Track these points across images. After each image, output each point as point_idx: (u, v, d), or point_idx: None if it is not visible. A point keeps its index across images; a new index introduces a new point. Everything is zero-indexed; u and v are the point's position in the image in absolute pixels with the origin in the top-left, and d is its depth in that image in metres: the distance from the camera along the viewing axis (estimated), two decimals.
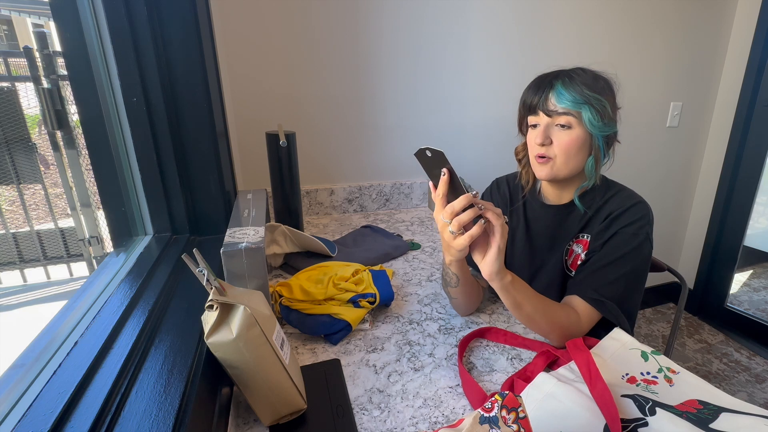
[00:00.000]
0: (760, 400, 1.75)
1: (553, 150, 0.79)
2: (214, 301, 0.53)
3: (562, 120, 0.77)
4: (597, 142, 0.78)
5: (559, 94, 0.76)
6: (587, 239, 0.83)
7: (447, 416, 0.63)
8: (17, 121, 1.17)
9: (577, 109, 0.76)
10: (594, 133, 0.77)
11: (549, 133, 0.78)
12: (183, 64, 0.84)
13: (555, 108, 0.77)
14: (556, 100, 0.77)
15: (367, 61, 1.44)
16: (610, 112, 0.77)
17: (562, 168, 0.80)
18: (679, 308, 1.10)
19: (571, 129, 0.77)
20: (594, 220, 0.84)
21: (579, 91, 0.75)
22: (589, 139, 0.78)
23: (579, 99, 0.75)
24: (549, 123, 0.78)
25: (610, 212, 0.81)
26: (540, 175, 0.82)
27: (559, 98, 0.76)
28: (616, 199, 0.83)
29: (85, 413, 0.43)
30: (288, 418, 0.60)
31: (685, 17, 1.81)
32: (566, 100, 0.76)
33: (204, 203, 0.94)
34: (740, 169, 2.01)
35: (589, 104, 0.75)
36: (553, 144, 0.79)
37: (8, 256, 1.43)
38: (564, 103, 0.76)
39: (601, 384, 0.57)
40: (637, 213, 0.80)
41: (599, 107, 0.76)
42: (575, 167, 0.80)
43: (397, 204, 1.62)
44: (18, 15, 1.47)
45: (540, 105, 0.78)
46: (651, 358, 0.70)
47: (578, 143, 0.77)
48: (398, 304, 0.94)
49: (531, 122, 0.82)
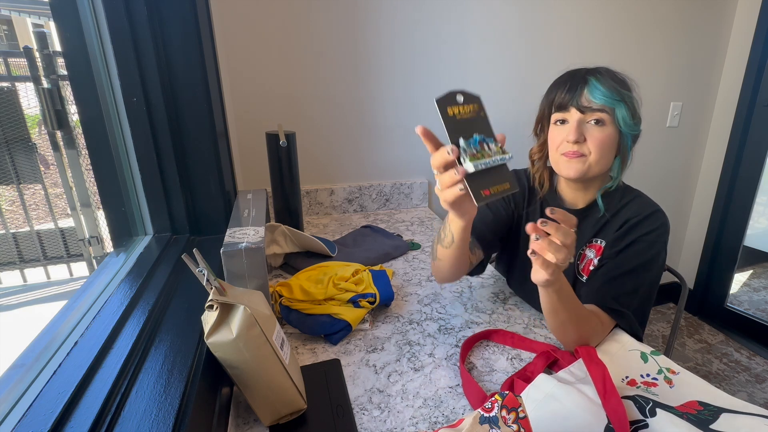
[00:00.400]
0: (760, 400, 1.75)
1: (587, 147, 0.76)
2: (214, 301, 0.53)
3: (596, 116, 0.75)
4: (626, 141, 0.77)
5: (595, 89, 0.74)
6: (601, 245, 0.81)
7: (447, 416, 0.63)
8: (17, 121, 1.17)
9: (612, 106, 0.74)
10: (625, 131, 0.76)
11: (582, 130, 0.76)
12: (183, 64, 0.84)
13: (589, 104, 0.74)
14: (591, 96, 0.74)
15: (367, 61, 1.44)
16: (639, 112, 0.77)
17: (594, 166, 0.76)
18: (679, 308, 1.10)
19: (604, 126, 0.75)
20: (610, 224, 0.82)
21: (614, 87, 0.74)
22: (618, 138, 0.77)
23: (615, 95, 0.74)
24: (581, 119, 0.75)
25: (628, 219, 0.79)
26: (569, 173, 0.77)
27: (594, 93, 0.74)
28: (633, 206, 0.81)
29: (85, 413, 0.43)
30: (288, 418, 0.60)
31: (685, 17, 1.81)
32: (602, 95, 0.74)
33: (204, 203, 0.94)
34: (740, 169, 2.01)
35: (623, 101, 0.74)
36: (586, 141, 0.76)
37: (8, 256, 1.43)
38: (600, 99, 0.74)
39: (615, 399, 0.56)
40: (656, 222, 0.78)
41: (631, 105, 0.75)
42: (605, 166, 0.78)
43: (397, 204, 1.62)
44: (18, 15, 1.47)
45: (573, 101, 0.76)
46: (650, 359, 0.70)
47: (611, 141, 0.76)
48: (398, 304, 0.94)
49: (557, 118, 0.79)
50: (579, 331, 0.71)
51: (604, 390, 0.58)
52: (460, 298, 0.96)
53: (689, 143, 2.09)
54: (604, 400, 0.57)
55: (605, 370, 0.61)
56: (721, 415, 0.55)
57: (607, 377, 0.60)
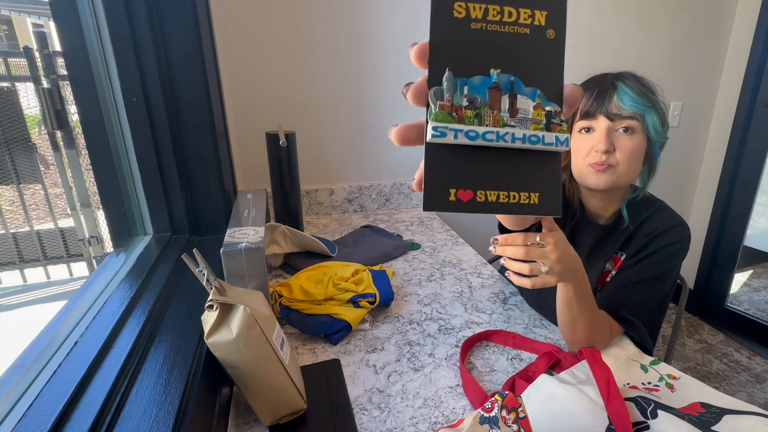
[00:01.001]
0: (761, 400, 1.75)
1: (615, 157, 0.72)
2: (214, 301, 0.53)
3: (626, 123, 0.71)
4: (654, 149, 0.75)
5: (625, 95, 0.70)
6: (622, 257, 0.80)
7: (447, 416, 0.63)
8: (17, 121, 1.17)
9: (643, 113, 0.70)
10: (654, 139, 0.73)
11: (611, 139, 0.72)
12: (183, 64, 0.84)
13: (619, 111, 0.71)
14: (621, 102, 0.71)
15: (367, 61, 1.44)
16: (667, 119, 0.74)
17: (624, 176, 0.73)
18: (680, 308, 1.10)
19: (634, 134, 0.71)
20: (634, 238, 0.79)
21: (644, 93, 0.71)
22: (646, 146, 0.74)
23: (646, 102, 0.70)
24: (610, 127, 0.72)
25: (653, 230, 0.77)
26: (597, 184, 0.74)
27: (624, 100, 0.70)
28: (658, 218, 0.79)
29: (85, 413, 0.43)
30: (288, 418, 0.60)
31: (686, 17, 1.81)
32: (633, 102, 0.70)
33: (204, 203, 0.94)
34: (740, 169, 2.01)
35: (654, 108, 0.71)
36: (615, 150, 0.72)
37: (8, 256, 1.43)
38: (630, 106, 0.70)
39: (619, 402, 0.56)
40: (679, 235, 0.76)
41: (661, 112, 0.72)
42: (634, 175, 0.75)
43: (397, 204, 1.62)
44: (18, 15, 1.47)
45: (602, 108, 0.72)
46: (650, 369, 0.70)
47: (641, 149, 0.72)
48: (398, 304, 0.94)
49: (583, 126, 0.74)
50: (588, 331, 0.69)
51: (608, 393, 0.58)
52: (460, 298, 0.96)
53: (689, 143, 2.09)
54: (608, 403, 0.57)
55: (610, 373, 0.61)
56: (723, 416, 0.54)
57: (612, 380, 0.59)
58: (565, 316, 0.69)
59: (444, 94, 0.25)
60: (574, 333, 0.70)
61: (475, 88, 0.25)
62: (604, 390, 0.58)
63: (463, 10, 0.25)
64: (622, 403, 0.56)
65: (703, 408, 0.58)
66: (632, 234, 0.80)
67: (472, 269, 1.11)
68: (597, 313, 0.70)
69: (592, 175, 0.74)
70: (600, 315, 0.71)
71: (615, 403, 0.56)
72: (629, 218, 0.79)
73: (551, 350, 0.73)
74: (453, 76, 0.25)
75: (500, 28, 0.25)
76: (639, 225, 0.79)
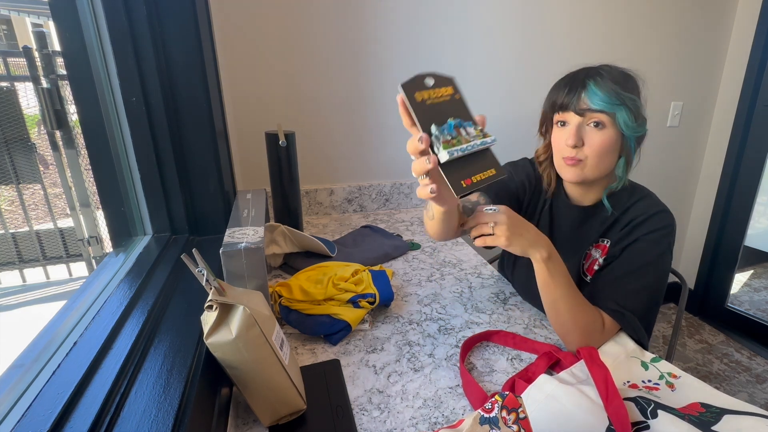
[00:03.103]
0: (761, 401, 1.75)
1: (584, 152, 0.75)
2: (214, 302, 0.53)
3: (595, 118, 0.73)
4: (629, 143, 0.76)
5: (593, 94, 0.72)
6: (607, 244, 0.81)
7: (447, 417, 0.63)
8: (17, 121, 1.17)
9: (612, 111, 0.72)
10: (627, 134, 0.74)
11: (581, 134, 0.75)
12: (183, 64, 0.84)
13: (588, 106, 0.73)
14: (589, 101, 0.73)
15: (367, 61, 1.44)
16: (642, 113, 0.75)
17: (592, 170, 0.76)
18: (680, 308, 1.10)
19: (604, 128, 0.73)
20: (616, 224, 0.81)
21: (614, 90, 0.72)
22: (620, 139, 0.75)
23: (614, 100, 0.71)
24: (580, 122, 0.74)
25: (633, 218, 0.79)
26: (567, 178, 0.79)
27: (592, 98, 0.72)
28: (640, 205, 0.80)
29: (85, 413, 0.43)
30: (288, 418, 0.60)
31: (686, 17, 1.81)
32: (600, 100, 0.72)
33: (203, 203, 0.94)
34: (741, 169, 2.01)
35: (624, 105, 0.72)
36: (584, 145, 0.75)
37: (8, 256, 1.43)
38: (598, 104, 0.72)
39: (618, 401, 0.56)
40: (661, 222, 0.77)
41: (633, 108, 0.73)
42: (606, 169, 0.77)
43: (396, 204, 1.62)
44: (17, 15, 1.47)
45: (572, 104, 0.74)
46: (651, 366, 0.70)
47: (610, 144, 0.74)
48: (398, 304, 0.94)
49: (558, 119, 0.78)
50: (572, 315, 0.71)
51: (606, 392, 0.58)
52: (460, 299, 0.96)
53: (689, 143, 2.09)
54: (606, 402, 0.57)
55: (607, 372, 0.61)
56: (723, 416, 0.54)
57: (609, 379, 0.59)
58: (546, 300, 0.73)
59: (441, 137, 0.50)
60: (557, 317, 0.73)
61: (448, 129, 0.51)
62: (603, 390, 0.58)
63: (420, 96, 0.51)
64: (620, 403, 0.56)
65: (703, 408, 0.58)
66: (616, 220, 0.82)
67: (472, 269, 1.11)
68: (579, 297, 0.73)
69: (564, 169, 0.79)
70: (583, 300, 0.73)
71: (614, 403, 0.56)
72: (613, 206, 0.81)
73: (551, 350, 0.73)
74: (437, 126, 0.51)
75: (437, 100, 0.52)
76: (623, 212, 0.81)
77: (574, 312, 0.71)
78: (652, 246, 0.76)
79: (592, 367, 0.63)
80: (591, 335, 0.73)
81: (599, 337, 0.74)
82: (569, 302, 0.71)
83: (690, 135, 2.07)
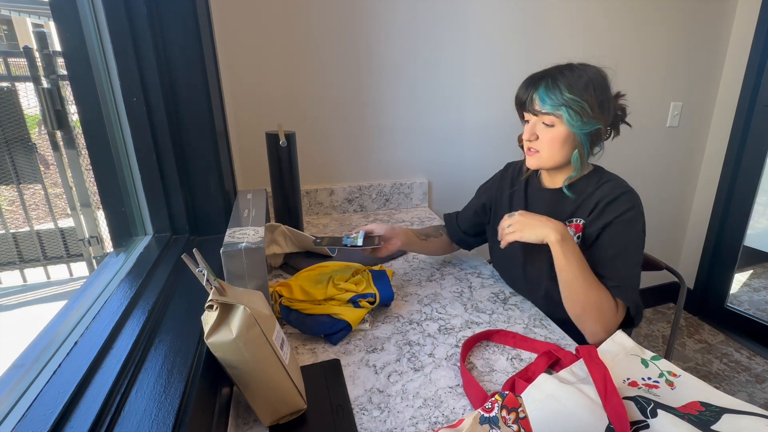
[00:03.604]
0: (760, 400, 1.75)
1: (538, 145, 0.87)
2: (214, 301, 0.53)
3: (545, 119, 0.84)
4: (579, 138, 0.84)
5: (541, 99, 0.83)
6: (580, 223, 0.87)
7: (447, 416, 0.63)
8: (17, 121, 1.17)
9: (557, 112, 0.82)
10: (574, 131, 0.83)
11: (535, 130, 0.86)
12: (183, 64, 0.84)
13: (539, 109, 0.84)
14: (538, 103, 0.84)
15: (367, 61, 1.44)
16: (590, 112, 0.81)
17: (547, 160, 0.87)
18: (679, 308, 1.10)
19: (554, 127, 0.84)
20: (584, 205, 0.88)
21: (559, 94, 0.81)
22: (572, 135, 0.84)
23: (557, 102, 0.82)
24: (536, 120, 0.86)
25: (600, 198, 0.85)
26: (528, 165, 0.91)
27: (541, 102, 0.84)
28: (605, 188, 0.87)
29: (85, 413, 0.43)
30: (288, 418, 0.60)
31: (686, 17, 1.81)
32: (546, 104, 0.83)
33: (204, 203, 0.94)
34: (740, 169, 2.01)
35: (567, 107, 0.81)
36: (539, 139, 0.86)
37: (8, 256, 1.43)
38: (545, 107, 0.83)
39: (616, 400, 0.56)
40: (628, 202, 0.83)
41: (578, 108, 0.81)
42: (560, 160, 0.87)
43: (397, 204, 1.62)
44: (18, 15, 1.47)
45: (527, 105, 0.86)
46: (651, 364, 0.70)
47: (560, 139, 0.84)
48: (398, 304, 0.94)
49: (524, 117, 0.90)
50: (587, 294, 0.78)
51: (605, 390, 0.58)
52: (460, 298, 0.96)
53: (689, 143, 2.09)
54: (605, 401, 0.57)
55: (606, 371, 0.61)
56: (722, 416, 0.54)
57: (608, 378, 0.60)
58: (562, 280, 0.81)
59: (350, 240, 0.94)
60: (574, 296, 0.80)
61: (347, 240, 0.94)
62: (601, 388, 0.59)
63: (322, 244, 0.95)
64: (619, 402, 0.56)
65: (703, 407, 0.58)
66: (583, 201, 0.88)
67: (472, 269, 1.11)
68: (592, 277, 0.80)
69: (527, 158, 0.91)
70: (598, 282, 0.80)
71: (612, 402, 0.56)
72: (578, 191, 0.90)
73: (550, 349, 0.73)
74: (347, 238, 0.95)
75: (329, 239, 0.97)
76: (588, 195, 0.88)
77: (588, 290, 0.78)
78: (627, 226, 0.83)
79: (591, 365, 0.63)
80: (605, 314, 0.78)
81: (613, 317, 0.79)
82: (584, 282, 0.78)
83: (689, 135, 2.07)
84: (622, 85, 0.85)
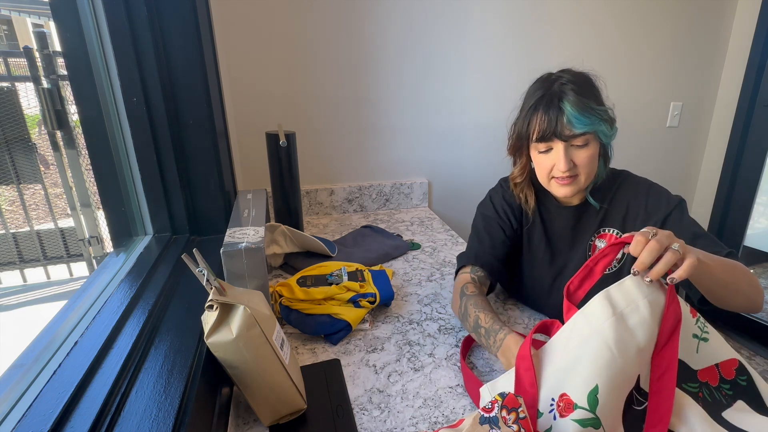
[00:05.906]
0: None
1: (576, 170, 0.76)
2: (214, 301, 0.53)
3: (579, 141, 0.74)
4: (607, 146, 0.80)
5: (576, 121, 0.72)
6: (613, 233, 0.82)
7: (447, 416, 0.63)
8: (17, 121, 1.17)
9: (593, 130, 0.73)
10: (606, 142, 0.78)
11: (570, 156, 0.75)
12: (183, 64, 0.84)
13: (572, 132, 0.73)
14: (571, 126, 0.73)
15: (367, 61, 1.44)
16: (613, 116, 0.76)
17: (585, 182, 0.78)
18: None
19: (588, 145, 0.75)
20: (611, 212, 0.82)
21: (590, 110, 0.73)
22: (601, 147, 0.78)
23: (593, 118, 0.73)
24: (564, 147, 0.74)
25: (629, 200, 0.81)
26: (562, 194, 0.79)
27: (576, 124, 0.72)
28: (627, 187, 0.82)
29: (85, 413, 0.43)
30: (288, 418, 0.60)
31: (685, 17, 1.81)
32: (581, 124, 0.72)
33: (204, 203, 0.94)
34: (740, 169, 2.01)
35: (600, 119, 0.73)
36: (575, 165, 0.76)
37: (8, 256, 1.44)
38: (581, 128, 0.72)
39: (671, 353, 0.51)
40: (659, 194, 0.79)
41: (607, 117, 0.75)
42: (594, 175, 0.79)
43: (397, 204, 1.62)
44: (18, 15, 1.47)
45: (555, 133, 0.74)
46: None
47: (596, 156, 0.77)
48: (398, 304, 0.94)
49: (542, 149, 0.77)
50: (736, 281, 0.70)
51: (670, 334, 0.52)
52: None
53: (689, 143, 2.09)
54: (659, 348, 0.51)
55: (680, 317, 0.54)
56: (737, 401, 0.54)
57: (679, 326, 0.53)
58: (718, 289, 0.70)
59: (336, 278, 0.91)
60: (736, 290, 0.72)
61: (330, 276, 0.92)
62: (666, 332, 0.52)
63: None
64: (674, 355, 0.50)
65: (737, 372, 0.56)
66: (608, 209, 0.83)
67: None
68: (729, 263, 0.70)
69: (558, 188, 0.79)
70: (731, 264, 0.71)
71: (667, 353, 0.51)
72: (599, 199, 0.83)
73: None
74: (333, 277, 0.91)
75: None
76: (611, 200, 0.83)
77: (735, 277, 0.70)
78: (682, 213, 0.77)
79: (671, 302, 0.54)
80: (752, 277, 0.73)
81: (756, 279, 0.74)
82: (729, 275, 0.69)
83: (689, 135, 2.07)
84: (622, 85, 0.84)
